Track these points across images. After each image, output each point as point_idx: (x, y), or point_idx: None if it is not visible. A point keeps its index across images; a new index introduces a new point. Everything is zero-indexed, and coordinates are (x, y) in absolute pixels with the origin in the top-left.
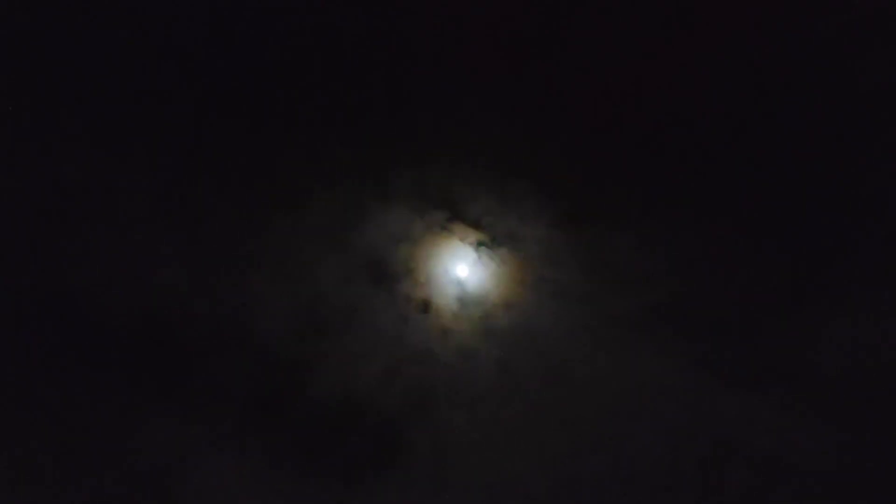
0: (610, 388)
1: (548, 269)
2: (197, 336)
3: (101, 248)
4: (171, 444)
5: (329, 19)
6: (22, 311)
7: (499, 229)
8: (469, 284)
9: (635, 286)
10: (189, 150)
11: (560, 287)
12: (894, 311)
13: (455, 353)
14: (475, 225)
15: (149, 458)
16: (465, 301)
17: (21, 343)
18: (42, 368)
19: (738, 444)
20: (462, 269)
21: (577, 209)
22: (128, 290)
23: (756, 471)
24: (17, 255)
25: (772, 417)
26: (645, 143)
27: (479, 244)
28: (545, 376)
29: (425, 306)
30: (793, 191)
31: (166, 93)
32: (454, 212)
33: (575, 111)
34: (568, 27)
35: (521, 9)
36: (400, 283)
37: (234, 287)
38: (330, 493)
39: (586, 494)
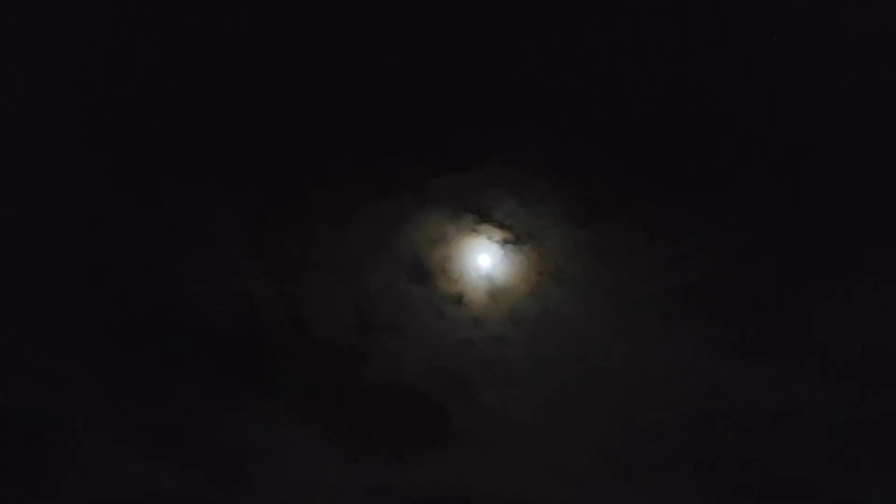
0: (627, 366)
1: (569, 262)
2: (268, 334)
3: (200, 265)
4: (247, 432)
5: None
6: (139, 317)
7: (522, 229)
8: (497, 278)
9: (648, 275)
10: (261, 181)
11: (579, 277)
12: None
13: (488, 341)
14: (501, 225)
15: (233, 435)
16: (494, 293)
17: (138, 342)
18: (154, 363)
19: (747, 408)
20: (490, 264)
21: (595, 207)
22: (217, 298)
23: (762, 430)
24: (136, 272)
25: (779, 387)
26: (655, 141)
27: (505, 241)
28: (569, 357)
29: (459, 299)
30: (799, 184)
31: (244, 126)
32: (482, 215)
33: (586, 121)
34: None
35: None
36: (437, 280)
37: (296, 292)
38: (384, 468)
39: (605, 461)
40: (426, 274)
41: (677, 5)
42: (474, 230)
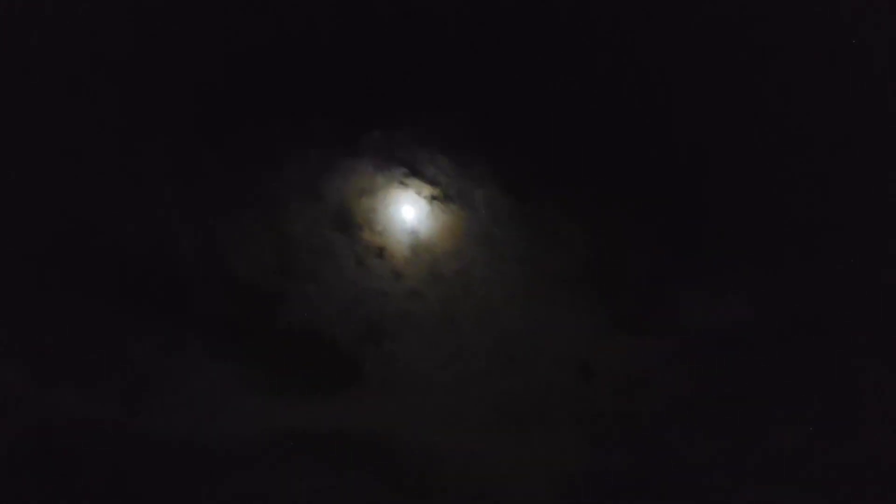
0: (528, 329)
1: (492, 225)
2: (186, 267)
3: (117, 193)
4: (157, 361)
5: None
6: (48, 236)
7: (451, 188)
8: (420, 234)
9: (562, 249)
10: (189, 117)
11: (500, 242)
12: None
13: (405, 294)
14: (430, 182)
15: (137, 368)
16: (416, 249)
17: (46, 264)
18: (61, 284)
19: (618, 371)
20: (415, 219)
21: (522, 178)
22: (133, 226)
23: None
24: (51, 196)
25: (661, 359)
26: (581, 129)
27: (433, 198)
28: (479, 317)
29: (380, 252)
30: (682, 192)
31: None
32: (412, 169)
33: (527, 95)
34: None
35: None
36: (360, 231)
37: (219, 228)
38: (293, 408)
39: (499, 413)
40: (350, 223)
41: None
42: (403, 183)
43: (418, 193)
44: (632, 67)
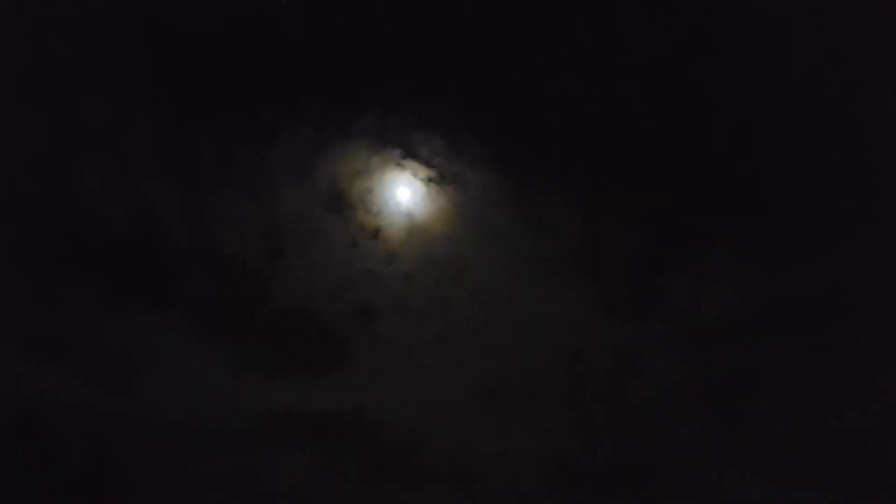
0: (518, 314)
1: (486, 209)
2: (173, 247)
3: (104, 170)
4: (143, 342)
5: None
6: (38, 222)
7: (447, 169)
8: (416, 216)
9: (555, 233)
10: (181, 98)
11: (494, 225)
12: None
13: (398, 276)
14: (426, 163)
15: (122, 352)
16: (411, 231)
17: (34, 247)
18: (47, 266)
19: (606, 356)
20: (411, 201)
21: (517, 161)
22: (120, 206)
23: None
24: (38, 178)
25: (652, 345)
26: (576, 115)
27: (429, 180)
28: (470, 300)
29: (375, 233)
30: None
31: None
32: (408, 151)
33: (523, 78)
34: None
35: None
36: (354, 212)
37: (208, 208)
38: (282, 389)
39: (487, 398)
40: (344, 204)
41: None
42: (399, 165)
43: (414, 175)
44: (625, 54)
